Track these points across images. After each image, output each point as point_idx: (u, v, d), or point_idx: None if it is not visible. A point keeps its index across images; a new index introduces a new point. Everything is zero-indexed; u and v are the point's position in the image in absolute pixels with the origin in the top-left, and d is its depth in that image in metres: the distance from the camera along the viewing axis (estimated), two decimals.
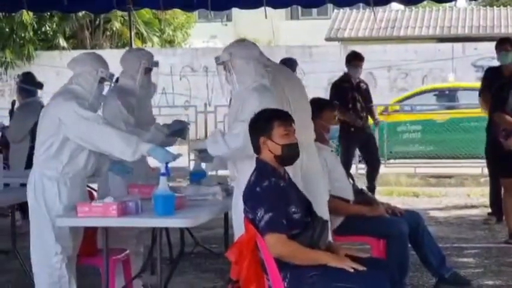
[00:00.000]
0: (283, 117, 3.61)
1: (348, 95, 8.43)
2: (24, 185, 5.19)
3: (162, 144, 4.55)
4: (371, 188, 8.74)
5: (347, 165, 8.52)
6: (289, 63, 7.69)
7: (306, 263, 3.41)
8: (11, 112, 8.11)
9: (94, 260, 4.46)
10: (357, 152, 9.31)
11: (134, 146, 4.08)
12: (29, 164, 7.01)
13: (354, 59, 8.49)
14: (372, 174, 8.76)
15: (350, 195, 4.92)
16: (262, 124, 3.58)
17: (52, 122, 4.21)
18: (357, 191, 5.08)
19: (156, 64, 5.07)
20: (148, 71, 4.98)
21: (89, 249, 4.45)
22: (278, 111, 3.68)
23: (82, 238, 4.36)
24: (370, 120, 8.86)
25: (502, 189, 6.79)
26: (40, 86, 7.80)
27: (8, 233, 5.70)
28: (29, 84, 7.72)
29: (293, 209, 3.50)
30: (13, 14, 15.76)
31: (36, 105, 7.51)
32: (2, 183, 5.13)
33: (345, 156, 8.56)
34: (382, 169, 10.85)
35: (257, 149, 3.61)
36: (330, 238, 4.03)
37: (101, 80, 4.31)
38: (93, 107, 4.29)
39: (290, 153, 3.60)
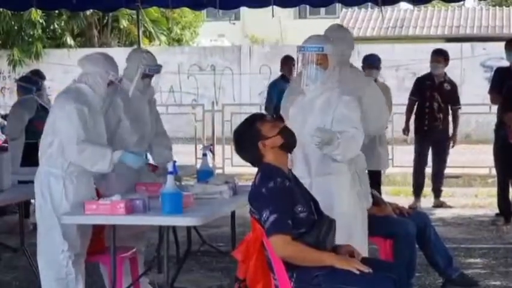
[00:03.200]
0: (258, 116, 3.67)
1: (427, 93, 8.28)
2: (21, 183, 5.22)
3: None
4: (437, 192, 8.64)
5: (417, 164, 8.52)
6: (371, 60, 7.52)
7: (312, 265, 3.40)
8: None
9: (101, 257, 4.47)
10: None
11: (109, 159, 4.19)
12: (24, 161, 7.05)
13: (433, 56, 8.31)
14: (435, 178, 8.65)
15: None
16: (250, 133, 3.56)
17: (52, 120, 4.26)
18: None
19: (157, 70, 4.97)
20: (145, 76, 4.89)
21: (96, 246, 4.46)
22: (250, 116, 3.69)
23: (90, 234, 4.37)
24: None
25: (511, 190, 6.77)
26: (36, 83, 7.79)
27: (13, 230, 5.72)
28: (26, 82, 7.74)
29: (299, 208, 3.49)
30: (21, 12, 15.81)
31: (31, 102, 7.51)
32: (9, 182, 5.12)
33: (417, 154, 8.51)
34: (389, 169, 10.86)
35: (259, 157, 3.57)
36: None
37: (110, 83, 4.34)
38: (95, 108, 4.29)
39: (290, 135, 3.62)
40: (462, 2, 10.82)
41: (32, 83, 7.71)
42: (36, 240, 4.36)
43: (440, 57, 8.28)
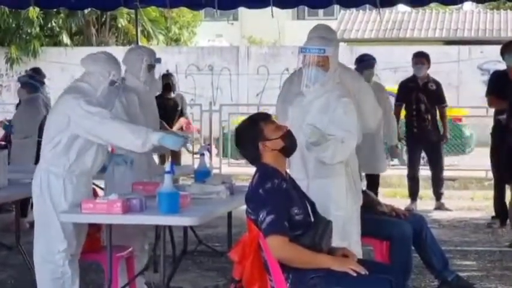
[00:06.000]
0: (263, 116, 3.65)
1: (412, 96, 8.27)
2: None
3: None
4: (436, 195, 8.65)
5: (411, 169, 8.50)
6: (366, 60, 7.44)
7: (308, 266, 3.40)
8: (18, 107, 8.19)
9: (98, 256, 4.47)
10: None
11: (143, 137, 4.07)
12: (38, 160, 7.07)
13: (415, 58, 8.33)
14: (433, 181, 8.67)
15: None
16: (252, 132, 3.57)
17: (61, 119, 4.20)
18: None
19: (159, 61, 5.05)
20: (151, 68, 4.96)
21: (93, 245, 4.45)
22: (255, 114, 3.71)
23: (86, 235, 4.36)
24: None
25: (510, 193, 6.76)
26: (41, 80, 7.90)
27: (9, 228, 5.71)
28: (33, 80, 7.79)
29: (295, 210, 3.49)
30: (20, 10, 15.78)
31: (41, 100, 7.61)
32: (6, 180, 5.10)
33: (409, 158, 8.52)
34: (386, 171, 10.83)
35: (258, 156, 3.58)
36: None
37: (112, 83, 4.30)
38: (101, 105, 4.26)
39: (292, 141, 3.63)
40: (460, 5, 10.86)
41: (38, 80, 7.83)
42: (33, 238, 4.35)
43: (422, 58, 8.33)
